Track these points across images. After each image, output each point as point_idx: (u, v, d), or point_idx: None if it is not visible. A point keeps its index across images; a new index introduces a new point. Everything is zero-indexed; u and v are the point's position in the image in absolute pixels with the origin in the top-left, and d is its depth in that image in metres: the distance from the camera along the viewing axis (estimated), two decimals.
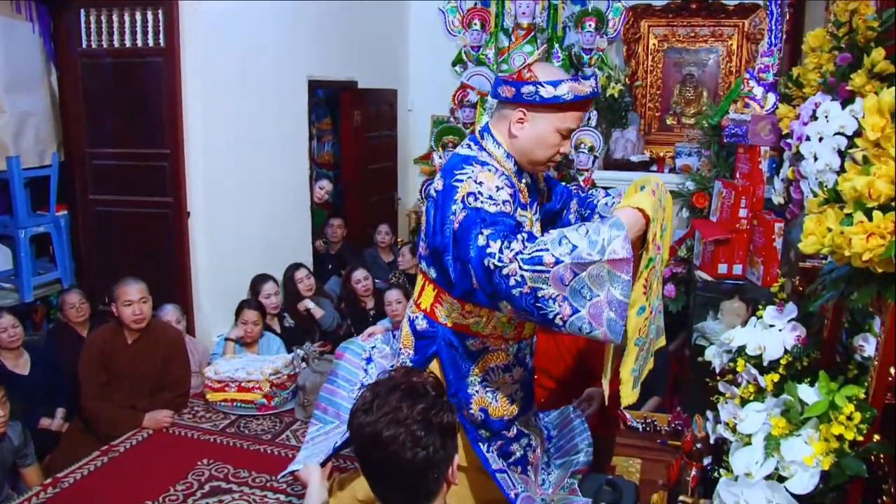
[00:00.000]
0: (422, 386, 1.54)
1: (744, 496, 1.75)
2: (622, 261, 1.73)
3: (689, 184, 4.95)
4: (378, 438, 1.46)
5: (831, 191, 1.66)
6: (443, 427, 1.50)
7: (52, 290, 5.22)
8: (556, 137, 2.10)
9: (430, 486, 1.50)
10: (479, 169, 2.03)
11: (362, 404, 1.53)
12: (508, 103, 2.10)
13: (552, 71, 2.10)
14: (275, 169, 5.41)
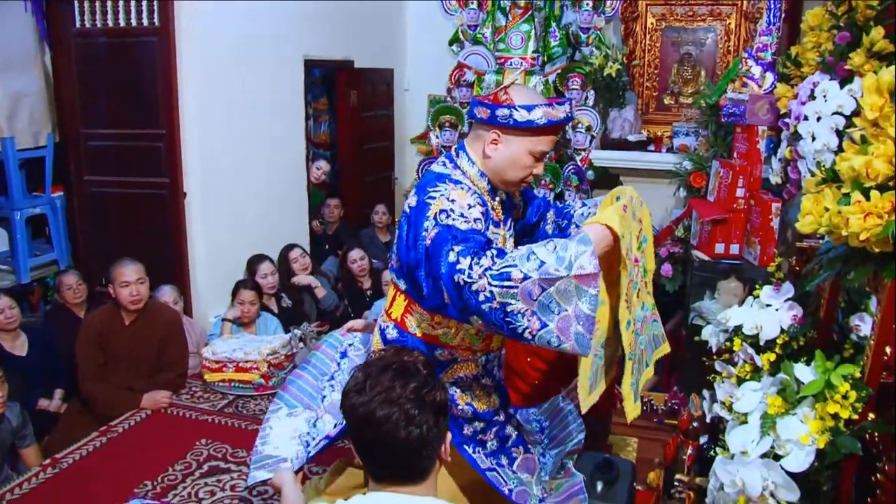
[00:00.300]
0: (413, 365, 1.56)
1: (740, 474, 1.76)
2: (589, 276, 1.76)
3: (686, 163, 4.93)
4: (372, 418, 1.47)
5: (829, 170, 1.66)
6: (435, 405, 1.51)
7: (49, 272, 5.21)
8: (529, 159, 2.13)
9: (424, 463, 1.51)
10: (451, 187, 2.06)
11: (354, 385, 1.54)
12: (484, 124, 2.13)
13: (528, 95, 2.13)
14: (271, 149, 5.39)
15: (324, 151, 7.59)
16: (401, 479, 1.51)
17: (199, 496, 3.08)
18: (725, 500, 1.83)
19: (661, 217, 5.97)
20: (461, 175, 2.15)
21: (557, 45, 6.41)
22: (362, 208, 6.83)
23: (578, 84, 6.27)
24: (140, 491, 3.10)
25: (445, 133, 6.68)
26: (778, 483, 1.72)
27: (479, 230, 1.96)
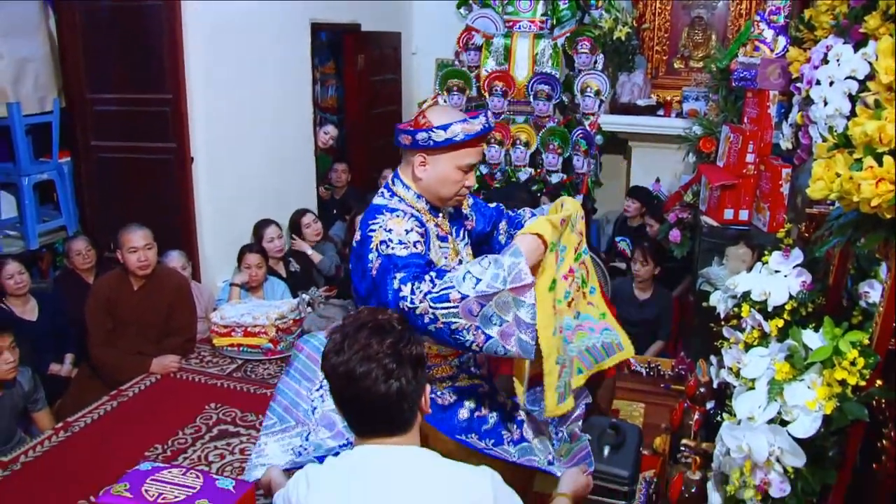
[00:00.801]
0: (388, 322, 1.61)
1: (746, 439, 1.77)
2: (523, 287, 1.87)
3: (696, 128, 4.89)
4: (352, 375, 1.51)
5: (841, 135, 1.64)
6: (413, 358, 1.56)
7: (58, 238, 5.23)
8: (458, 174, 2.23)
9: (406, 416, 1.56)
10: (388, 217, 2.16)
11: (333, 346, 1.57)
12: (409, 150, 2.24)
13: (444, 114, 2.23)
14: (278, 114, 5.36)
15: (331, 116, 7.56)
16: (384, 432, 1.56)
17: (209, 459, 3.11)
18: (731, 465, 1.84)
19: (669, 182, 5.95)
20: (398, 202, 2.26)
21: (566, 7, 6.34)
22: (370, 173, 6.81)
23: (587, 48, 6.22)
24: (150, 454, 3.14)
25: (453, 97, 6.64)
26: (784, 448, 1.73)
27: (419, 253, 2.06)
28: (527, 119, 6.51)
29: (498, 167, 6.56)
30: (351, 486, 1.51)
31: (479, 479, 1.55)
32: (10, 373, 3.28)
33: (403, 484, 1.51)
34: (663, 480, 2.47)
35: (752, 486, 1.77)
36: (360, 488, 1.51)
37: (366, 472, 1.53)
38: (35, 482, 2.95)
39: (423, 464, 1.55)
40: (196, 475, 2.03)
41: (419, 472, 1.54)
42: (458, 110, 2.36)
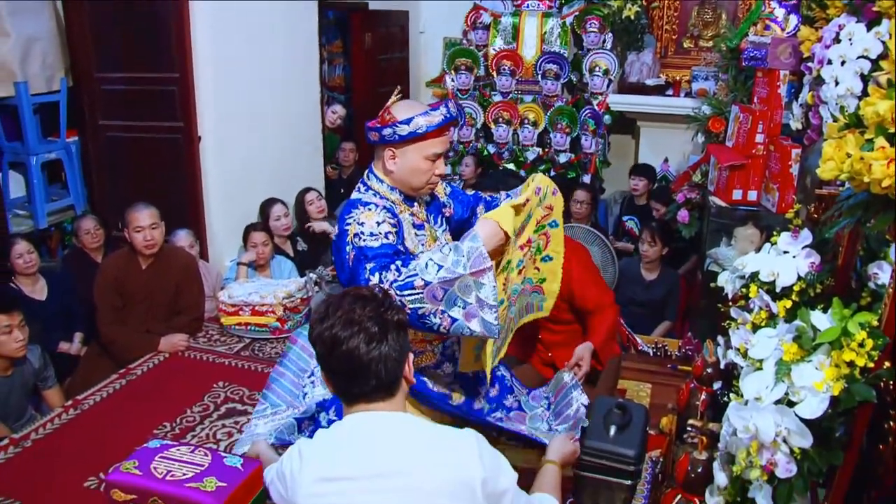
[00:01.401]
0: (369, 291, 1.70)
1: (753, 420, 1.77)
2: (482, 270, 2.02)
3: (705, 108, 4.86)
4: (337, 340, 1.57)
5: (852, 115, 1.62)
6: (395, 323, 1.62)
7: (66, 217, 5.24)
8: (426, 164, 2.35)
9: (389, 378, 1.61)
10: (361, 211, 2.28)
11: (318, 315, 1.65)
12: (378, 145, 2.38)
13: (406, 108, 2.34)
14: (285, 92, 5.34)
15: (338, 95, 7.54)
16: (369, 396, 1.62)
17: (217, 437, 3.13)
18: (738, 446, 1.85)
19: (678, 163, 5.92)
20: (372, 196, 2.38)
21: None
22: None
23: (596, 27, 6.17)
24: (159, 432, 3.16)
25: (461, 76, 6.61)
26: (791, 429, 1.73)
27: (389, 244, 2.20)
28: (535, 98, 6.48)
29: (506, 146, 6.55)
30: (341, 453, 1.57)
31: (465, 440, 1.61)
32: (19, 351, 3.30)
33: (391, 448, 1.57)
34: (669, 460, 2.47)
35: (759, 467, 1.77)
36: (349, 455, 1.57)
37: (354, 438, 1.59)
38: (45, 459, 2.97)
39: (409, 428, 1.62)
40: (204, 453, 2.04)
41: (406, 435, 1.60)
42: (417, 105, 2.43)
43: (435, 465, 1.55)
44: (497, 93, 6.58)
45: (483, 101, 6.66)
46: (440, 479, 1.54)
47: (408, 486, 1.53)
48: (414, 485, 1.53)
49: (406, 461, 1.55)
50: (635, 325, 4.14)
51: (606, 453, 2.21)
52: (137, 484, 1.91)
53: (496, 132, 6.54)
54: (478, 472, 1.55)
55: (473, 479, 1.54)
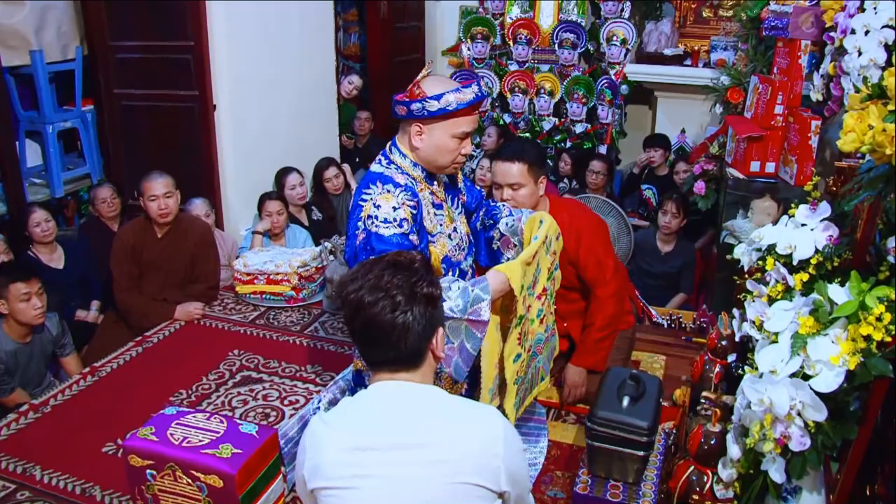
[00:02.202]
0: (407, 261, 1.63)
1: (767, 393, 1.76)
2: (480, 322, 2.06)
3: (723, 79, 4.79)
4: (361, 303, 1.55)
5: (875, 86, 1.60)
6: (424, 296, 1.57)
7: (82, 185, 5.27)
8: (454, 142, 2.32)
9: (411, 350, 1.57)
10: (379, 190, 2.26)
11: (350, 276, 1.63)
12: (405, 119, 2.34)
13: (438, 83, 2.30)
14: (301, 61, 5.31)
15: (354, 63, 7.49)
16: (392, 364, 1.59)
17: (233, 405, 3.16)
18: (752, 418, 1.84)
19: (695, 134, 5.86)
20: (395, 170, 2.34)
21: None
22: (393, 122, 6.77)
23: None
24: (175, 399, 3.19)
25: (477, 45, 6.56)
26: (806, 402, 1.72)
27: (402, 233, 2.19)
28: (551, 68, 6.42)
29: (522, 116, 6.50)
30: (365, 422, 1.56)
31: (490, 415, 1.59)
32: (38, 318, 3.34)
33: (416, 419, 1.55)
34: (682, 432, 2.48)
35: (772, 440, 1.77)
36: (374, 424, 1.55)
37: (378, 407, 1.57)
38: (64, 424, 3.01)
39: (434, 400, 1.59)
40: (220, 420, 2.06)
41: (431, 407, 1.58)
42: (449, 80, 2.39)
43: (460, 438, 1.53)
44: (513, 62, 6.52)
45: (499, 70, 6.60)
46: (465, 450, 1.52)
47: (433, 459, 1.51)
48: (439, 457, 1.51)
49: (432, 433, 1.53)
50: (650, 296, 4.12)
51: (620, 424, 2.21)
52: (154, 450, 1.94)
53: (512, 102, 6.49)
54: (501, 448, 1.53)
55: (497, 455, 1.52)
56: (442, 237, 2.43)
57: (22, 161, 4.82)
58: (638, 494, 2.20)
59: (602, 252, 3.05)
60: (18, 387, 3.31)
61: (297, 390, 3.26)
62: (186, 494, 1.94)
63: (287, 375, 3.39)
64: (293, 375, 3.39)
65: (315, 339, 3.74)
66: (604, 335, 3.03)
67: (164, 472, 1.93)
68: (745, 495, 1.96)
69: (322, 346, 3.67)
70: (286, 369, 3.45)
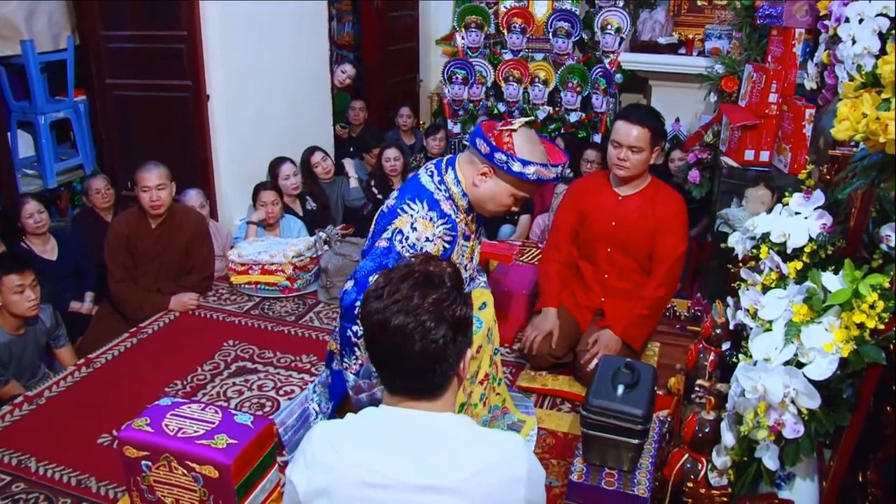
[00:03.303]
0: (437, 276, 1.49)
1: (761, 380, 1.77)
2: None
3: (718, 67, 4.79)
4: (386, 326, 1.41)
5: (869, 74, 1.60)
6: (455, 319, 1.44)
7: (75, 176, 5.25)
8: (510, 200, 2.34)
9: (438, 380, 1.46)
10: (423, 213, 2.27)
11: (374, 290, 1.48)
12: (480, 155, 2.29)
13: (528, 148, 2.27)
14: (294, 51, 5.29)
15: (347, 53, 7.47)
16: (415, 393, 1.47)
17: (228, 395, 3.16)
18: (746, 406, 1.85)
19: (689, 122, 5.86)
20: (444, 195, 2.33)
21: None
22: (386, 110, 6.75)
23: None
24: (170, 390, 3.19)
25: (471, 34, 6.54)
26: (799, 390, 1.73)
27: None
28: (546, 57, 6.41)
29: (516, 105, 6.49)
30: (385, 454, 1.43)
31: (516, 452, 1.47)
32: (32, 310, 3.33)
33: (441, 457, 1.42)
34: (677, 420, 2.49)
35: (766, 427, 1.78)
36: (395, 458, 1.42)
37: (399, 439, 1.45)
38: (59, 416, 3.01)
39: (458, 433, 1.47)
40: (215, 410, 2.06)
41: (455, 442, 1.45)
42: (539, 146, 2.34)
43: (481, 484, 1.40)
44: (507, 51, 6.50)
45: (493, 59, 6.58)
46: (489, 485, 1.41)
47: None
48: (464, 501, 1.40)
49: (451, 476, 1.40)
50: None
51: (614, 412, 2.22)
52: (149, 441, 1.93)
53: (506, 91, 6.48)
54: (523, 490, 1.44)
55: (520, 498, 1.44)
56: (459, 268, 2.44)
57: (14, 152, 4.80)
58: (633, 482, 2.21)
59: (683, 230, 3.12)
60: (13, 379, 3.30)
61: (293, 380, 3.27)
62: (182, 485, 1.94)
63: (282, 366, 3.39)
64: (288, 366, 3.39)
65: (310, 329, 3.74)
66: (649, 314, 3.09)
67: (159, 462, 1.93)
68: (739, 482, 1.97)
69: (317, 336, 3.67)
70: (281, 359, 3.45)
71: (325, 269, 4.07)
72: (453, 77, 6.60)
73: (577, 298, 3.29)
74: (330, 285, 4.02)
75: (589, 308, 3.28)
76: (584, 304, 3.28)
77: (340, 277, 3.95)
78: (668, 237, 3.07)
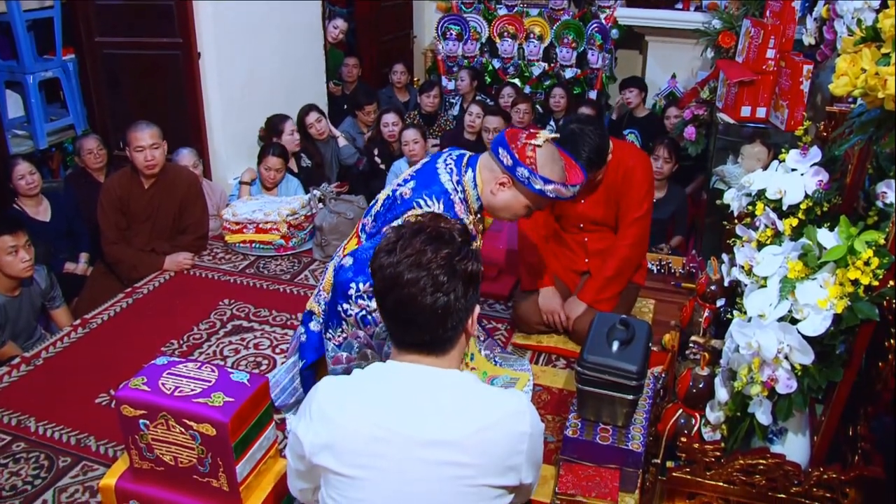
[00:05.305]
0: (448, 232, 1.51)
1: (756, 336, 1.78)
2: None
3: (715, 22, 4.75)
4: (399, 280, 1.43)
5: (869, 29, 1.58)
6: (466, 274, 1.46)
7: (66, 137, 5.20)
8: (524, 211, 2.36)
9: (448, 333, 1.47)
10: (437, 208, 2.27)
11: (385, 244, 1.49)
12: (501, 165, 2.29)
13: (550, 165, 2.27)
14: (285, 7, 5.22)
15: (340, 9, 7.37)
16: (423, 347, 1.49)
17: (224, 354, 3.17)
18: (740, 362, 1.86)
19: (686, 79, 5.82)
20: (459, 195, 2.33)
21: None
22: (380, 68, 6.69)
23: None
24: (167, 350, 3.20)
25: None
26: (793, 346, 1.74)
27: None
28: (541, 12, 6.34)
29: (511, 61, 6.43)
30: (392, 407, 1.45)
31: (519, 408, 1.49)
32: (26, 271, 3.32)
33: (447, 413, 1.44)
34: (671, 376, 2.50)
35: (760, 383, 1.80)
36: (402, 412, 1.44)
37: (406, 394, 1.46)
38: (56, 377, 3.02)
39: (463, 390, 1.49)
40: (211, 369, 2.06)
41: (461, 399, 1.47)
42: (560, 162, 2.34)
43: (485, 440, 1.43)
44: (502, 6, 6.42)
45: (488, 14, 6.51)
46: (489, 453, 1.43)
47: (453, 461, 1.42)
48: (460, 460, 1.42)
49: (455, 431, 1.42)
50: None
51: (609, 368, 2.23)
52: (146, 400, 1.94)
53: (501, 47, 6.41)
54: (525, 444, 1.47)
55: (521, 452, 1.46)
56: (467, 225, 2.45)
57: (3, 112, 4.75)
58: (627, 437, 2.23)
59: (645, 192, 3.09)
60: (9, 340, 3.31)
61: (288, 338, 3.27)
62: (180, 443, 1.95)
63: (278, 324, 3.40)
64: (284, 324, 3.40)
65: (305, 288, 3.74)
66: (613, 275, 3.07)
67: (156, 421, 1.94)
68: (732, 437, 1.99)
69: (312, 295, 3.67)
70: (277, 318, 3.45)
71: (320, 227, 4.05)
72: (447, 33, 6.53)
73: (562, 262, 3.30)
74: (325, 243, 4.01)
75: (574, 270, 3.29)
76: (569, 266, 3.29)
77: (335, 235, 3.95)
78: (630, 198, 3.06)
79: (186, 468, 1.98)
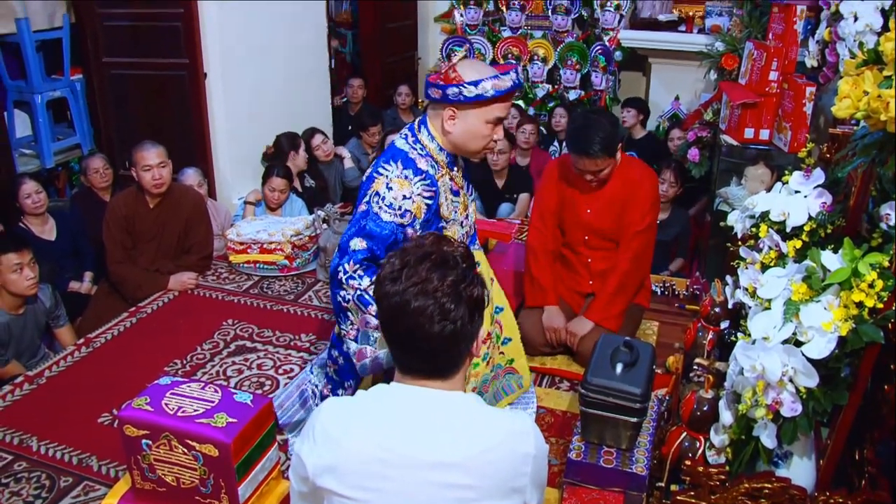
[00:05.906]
0: (452, 257, 1.49)
1: (760, 359, 1.77)
2: None
3: (718, 45, 4.76)
4: (406, 308, 1.42)
5: (871, 51, 1.58)
6: (472, 300, 1.45)
7: (73, 156, 5.23)
8: (487, 128, 2.31)
9: (455, 360, 1.48)
10: (398, 172, 2.28)
11: (390, 271, 1.48)
12: (439, 103, 2.30)
13: (475, 69, 2.27)
14: (291, 28, 5.25)
15: (345, 30, 7.42)
16: (428, 373, 1.48)
17: (227, 374, 3.17)
18: (744, 385, 1.85)
19: (689, 101, 5.84)
20: (419, 152, 2.33)
21: None
22: (385, 89, 6.72)
23: None
24: (170, 369, 3.20)
25: (470, 11, 6.50)
26: (798, 369, 1.73)
27: (399, 224, 2.24)
28: (545, 34, 6.37)
29: None
30: (396, 430, 1.44)
31: (523, 430, 1.49)
32: (31, 289, 3.33)
33: (451, 435, 1.43)
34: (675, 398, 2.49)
35: (764, 406, 1.78)
36: (406, 435, 1.43)
37: (410, 417, 1.46)
38: (59, 396, 3.02)
39: (468, 412, 1.48)
40: (214, 389, 2.06)
41: (465, 421, 1.46)
42: (484, 65, 2.37)
43: (489, 462, 1.42)
44: (506, 28, 6.46)
45: (492, 36, 6.55)
46: (493, 475, 1.43)
47: (458, 483, 1.41)
48: (465, 482, 1.41)
49: (460, 453, 1.41)
50: None
51: (613, 391, 2.22)
52: (149, 419, 1.94)
53: None
54: (530, 467, 1.46)
55: (525, 474, 1.46)
56: (454, 224, 2.46)
57: (11, 132, 4.78)
58: (631, 460, 2.22)
59: (649, 205, 3.11)
60: (13, 358, 3.31)
61: (292, 359, 3.27)
62: (182, 463, 1.95)
63: (281, 344, 3.40)
64: (287, 344, 3.40)
65: (309, 308, 3.75)
66: (616, 291, 3.09)
67: (159, 441, 1.93)
68: (737, 461, 1.98)
69: (316, 315, 3.68)
70: (280, 338, 3.45)
71: (324, 248, 4.06)
72: (452, 55, 6.56)
73: (567, 283, 3.30)
74: (328, 264, 4.02)
75: (579, 292, 3.29)
76: (574, 287, 3.30)
77: None
78: (634, 211, 3.09)
79: (188, 489, 1.98)
